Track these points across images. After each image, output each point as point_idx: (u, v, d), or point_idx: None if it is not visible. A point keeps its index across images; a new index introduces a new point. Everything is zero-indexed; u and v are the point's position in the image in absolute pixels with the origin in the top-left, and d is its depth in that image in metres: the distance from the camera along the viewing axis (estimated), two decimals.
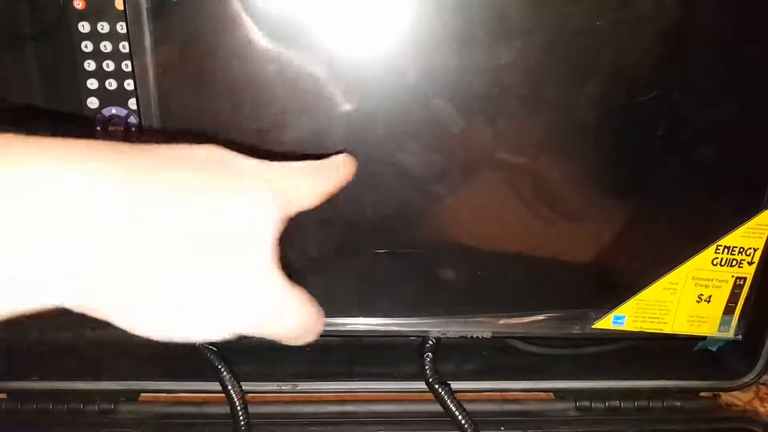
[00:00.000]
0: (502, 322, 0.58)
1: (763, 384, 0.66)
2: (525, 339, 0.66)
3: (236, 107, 0.49)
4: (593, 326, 0.58)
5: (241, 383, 0.60)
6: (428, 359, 0.61)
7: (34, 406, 0.61)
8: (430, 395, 0.61)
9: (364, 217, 0.54)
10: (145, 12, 0.46)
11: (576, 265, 0.58)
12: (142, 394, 0.62)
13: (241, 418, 0.58)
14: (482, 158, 0.53)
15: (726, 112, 0.52)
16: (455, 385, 0.61)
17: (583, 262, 0.57)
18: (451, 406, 0.60)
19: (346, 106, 0.49)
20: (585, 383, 0.63)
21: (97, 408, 0.61)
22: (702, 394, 0.65)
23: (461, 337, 0.59)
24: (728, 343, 0.63)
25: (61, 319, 0.64)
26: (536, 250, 0.57)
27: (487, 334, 0.59)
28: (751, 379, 0.62)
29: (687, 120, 0.52)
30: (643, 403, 0.63)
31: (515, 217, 0.56)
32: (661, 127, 0.52)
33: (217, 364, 0.60)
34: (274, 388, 0.62)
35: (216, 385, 0.60)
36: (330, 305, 0.57)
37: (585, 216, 0.57)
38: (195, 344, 0.60)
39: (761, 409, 0.66)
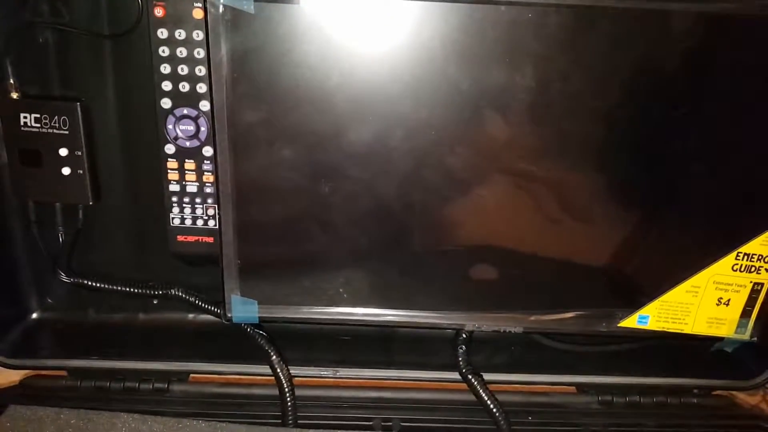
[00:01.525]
0: (532, 318, 0.62)
1: None
2: (552, 336, 0.70)
3: (301, 113, 0.54)
4: (619, 324, 0.62)
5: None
6: (462, 351, 0.65)
7: (93, 384, 0.65)
8: (463, 385, 0.66)
9: (411, 215, 0.59)
10: (223, 22, 0.50)
11: (604, 267, 0.61)
12: (192, 375, 0.66)
13: (288, 398, 0.63)
14: (521, 165, 0.57)
15: (752, 122, 0.56)
16: (485, 376, 0.65)
17: (611, 265, 0.61)
18: (483, 395, 0.64)
19: (402, 113, 0.54)
20: (607, 378, 0.67)
21: (151, 386, 0.65)
22: (717, 392, 0.69)
23: (494, 331, 0.63)
24: (743, 345, 0.67)
25: (114, 301, 0.69)
26: (567, 253, 0.61)
27: (519, 330, 0.62)
28: (765, 379, 0.66)
29: (713, 131, 0.56)
30: (662, 399, 0.67)
31: (548, 221, 0.60)
32: (688, 136, 0.56)
33: (266, 347, 0.64)
34: (317, 373, 0.67)
35: (263, 368, 0.65)
36: (372, 297, 0.62)
37: (613, 222, 0.61)
38: (246, 328, 0.65)
39: None
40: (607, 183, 0.59)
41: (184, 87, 0.56)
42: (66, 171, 0.61)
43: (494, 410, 0.63)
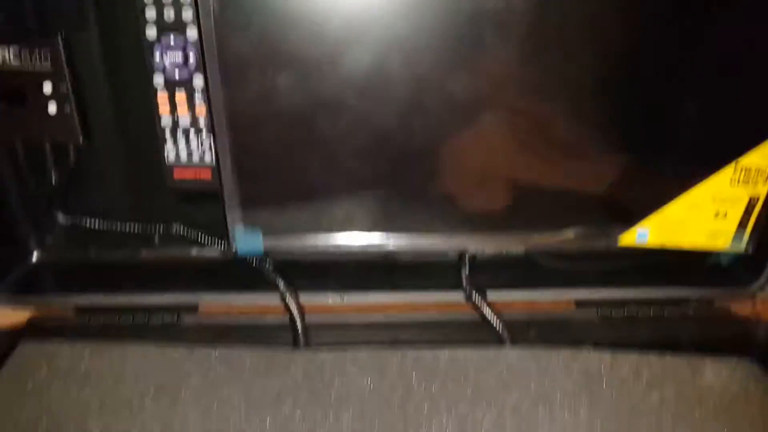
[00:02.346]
0: (534, 238, 0.63)
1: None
2: (552, 256, 0.71)
3: (294, 38, 0.51)
4: (618, 242, 0.63)
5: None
6: (465, 272, 0.67)
7: (102, 321, 0.66)
8: (466, 306, 0.67)
9: (412, 141, 0.58)
10: None
11: (603, 184, 0.62)
12: (201, 307, 0.67)
13: (298, 324, 0.64)
14: (521, 87, 0.56)
15: (749, 34, 0.55)
16: (488, 296, 0.67)
17: (610, 182, 0.62)
18: (486, 312, 0.66)
19: (400, 36, 0.52)
20: (606, 293, 0.69)
21: (161, 321, 0.66)
22: (712, 304, 0.71)
23: (496, 253, 0.64)
24: (738, 257, 0.69)
25: (115, 240, 0.69)
26: (566, 172, 0.62)
27: (520, 250, 0.64)
28: (757, 288, 0.68)
29: (711, 42, 0.55)
30: (658, 311, 0.69)
31: (547, 141, 0.59)
32: (686, 47, 0.55)
33: (274, 277, 0.65)
34: (324, 300, 0.68)
35: (271, 298, 0.66)
36: (376, 223, 0.62)
37: (611, 138, 0.60)
38: (252, 261, 0.65)
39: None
40: (604, 100, 0.58)
41: (170, 14, 0.53)
42: (52, 109, 0.59)
43: (497, 326, 0.65)
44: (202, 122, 0.59)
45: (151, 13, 0.53)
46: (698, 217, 0.62)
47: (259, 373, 0.59)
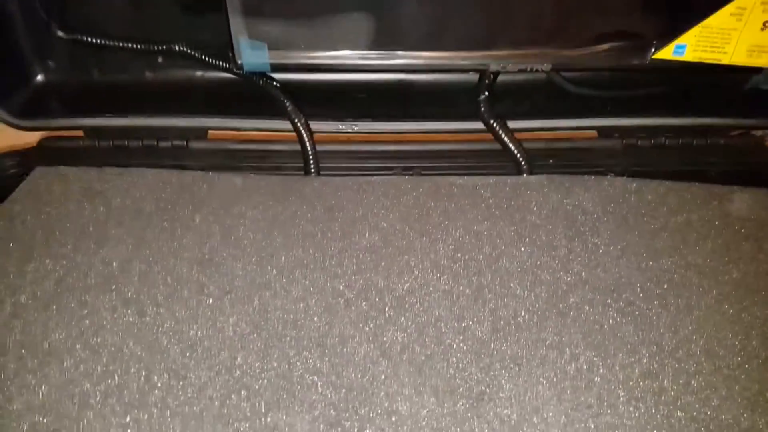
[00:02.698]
0: (562, 53, 0.59)
1: None
2: (577, 81, 0.67)
3: None
4: (653, 56, 0.58)
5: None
6: (484, 96, 0.63)
7: (111, 143, 0.65)
8: (484, 135, 0.64)
9: None
10: None
11: None
12: (210, 132, 0.66)
13: (308, 148, 0.62)
14: None
15: None
16: (508, 125, 0.63)
17: None
18: (506, 138, 0.63)
19: None
20: (632, 121, 0.65)
21: (170, 144, 0.65)
22: (746, 133, 0.67)
23: (520, 70, 0.60)
24: None
25: (118, 61, 0.66)
26: None
27: (547, 67, 0.59)
28: None
29: None
30: (688, 140, 0.66)
31: None
32: None
33: (281, 97, 0.62)
34: (334, 128, 0.65)
35: (280, 123, 0.64)
36: (392, 38, 0.58)
37: None
38: (259, 81, 0.62)
39: None
40: None
41: None
42: None
43: (516, 153, 0.62)
44: None
45: None
46: (743, 29, 0.57)
47: (274, 196, 0.58)
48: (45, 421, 0.40)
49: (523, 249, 0.53)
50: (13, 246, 0.52)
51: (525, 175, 0.62)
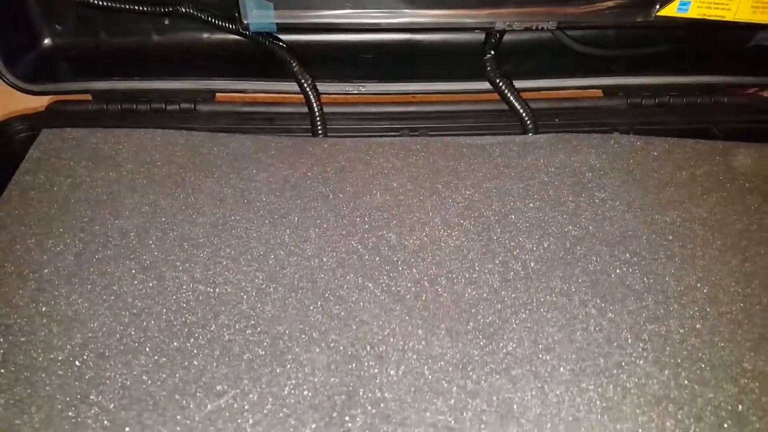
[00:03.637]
0: (568, 11, 0.59)
1: None
2: (582, 41, 0.67)
3: None
4: (657, 14, 0.59)
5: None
6: (490, 55, 0.63)
7: (120, 106, 0.65)
8: (490, 95, 0.65)
9: None
10: None
11: None
12: (218, 94, 0.66)
13: (316, 109, 0.62)
14: None
15: None
16: (514, 84, 0.64)
17: None
18: (512, 98, 0.63)
19: None
20: (636, 80, 0.66)
21: (178, 107, 0.65)
22: (750, 91, 0.68)
23: (525, 29, 0.60)
24: None
25: (124, 24, 0.66)
26: None
27: (552, 25, 0.60)
28: None
29: None
30: (692, 98, 0.66)
31: None
32: None
33: (288, 58, 0.62)
34: (341, 89, 0.66)
35: (288, 85, 0.64)
36: None
37: None
38: (265, 42, 0.63)
39: None
40: None
41: None
42: None
43: (523, 113, 0.63)
44: None
45: None
46: None
47: (284, 157, 0.59)
48: (69, 373, 0.42)
49: (531, 205, 0.54)
50: (31, 221, 0.52)
51: (531, 134, 0.63)
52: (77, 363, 0.42)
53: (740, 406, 0.41)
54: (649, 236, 0.52)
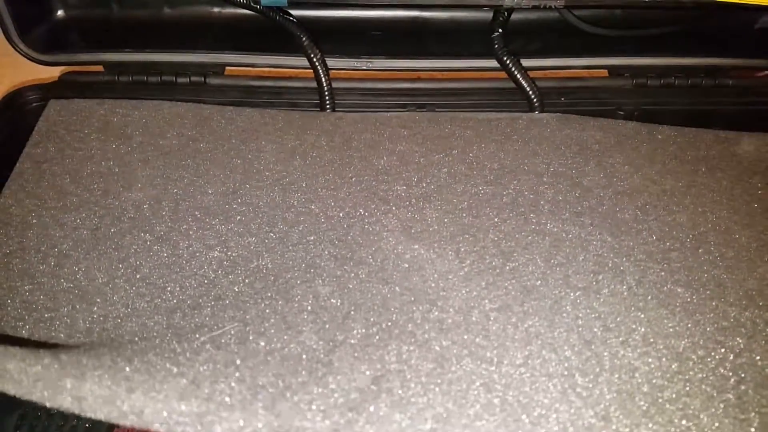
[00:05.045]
0: None
1: None
2: (589, 20, 0.67)
3: None
4: None
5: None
6: (498, 33, 0.64)
7: (131, 78, 0.66)
8: (497, 73, 0.65)
9: None
10: None
11: None
12: (228, 68, 0.67)
13: (324, 83, 0.63)
14: None
15: None
16: (521, 62, 0.64)
17: None
18: (519, 76, 0.64)
19: None
20: (642, 60, 0.67)
21: (188, 80, 0.66)
22: (755, 74, 0.68)
23: (534, 7, 0.60)
24: None
25: None
26: None
27: (560, 3, 0.60)
28: None
29: None
30: (697, 80, 0.67)
31: None
32: None
33: (298, 32, 0.63)
34: (350, 65, 0.66)
35: (297, 60, 0.65)
36: None
37: None
38: (276, 17, 0.63)
39: None
40: None
41: None
42: None
43: (529, 91, 0.63)
44: None
45: None
46: None
47: (292, 130, 0.59)
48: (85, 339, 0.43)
49: (540, 161, 0.57)
50: (45, 195, 0.53)
51: (537, 112, 0.64)
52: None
53: None
54: (659, 193, 0.54)
